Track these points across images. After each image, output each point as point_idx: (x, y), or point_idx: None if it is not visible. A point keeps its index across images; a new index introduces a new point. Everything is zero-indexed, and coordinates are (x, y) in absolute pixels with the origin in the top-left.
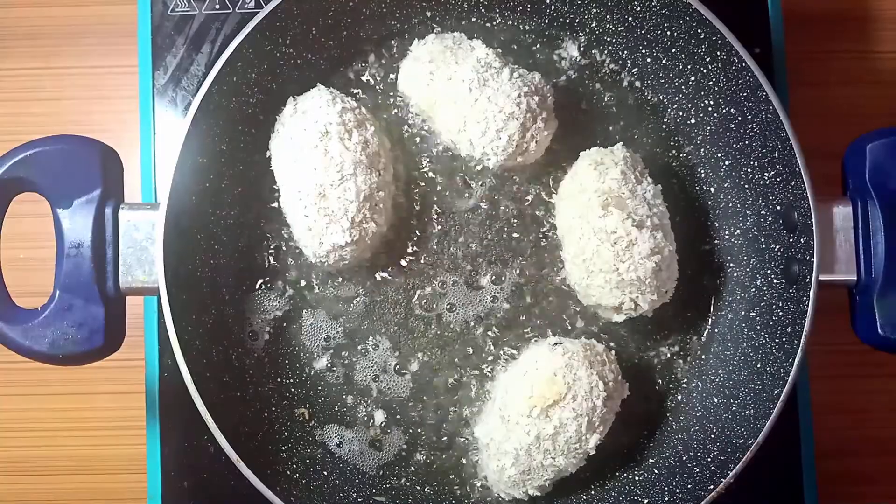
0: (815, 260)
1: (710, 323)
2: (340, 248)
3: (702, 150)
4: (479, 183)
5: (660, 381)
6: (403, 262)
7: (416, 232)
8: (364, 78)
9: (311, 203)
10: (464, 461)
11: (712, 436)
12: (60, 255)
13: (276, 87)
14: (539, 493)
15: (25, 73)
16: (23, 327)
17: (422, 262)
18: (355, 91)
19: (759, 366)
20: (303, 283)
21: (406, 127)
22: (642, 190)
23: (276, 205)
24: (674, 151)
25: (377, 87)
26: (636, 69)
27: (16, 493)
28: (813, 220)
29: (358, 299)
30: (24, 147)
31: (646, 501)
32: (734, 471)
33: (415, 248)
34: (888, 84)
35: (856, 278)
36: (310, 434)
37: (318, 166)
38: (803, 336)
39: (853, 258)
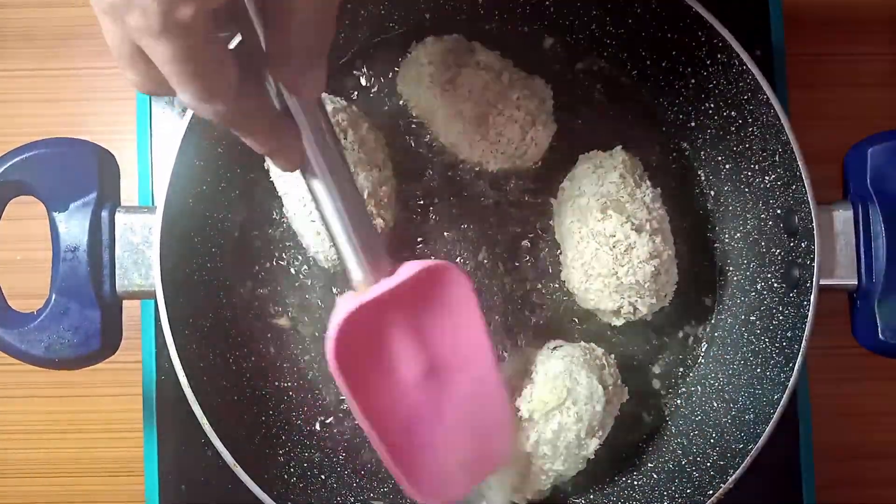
0: (815, 264)
1: (709, 327)
2: None
3: (702, 153)
4: (478, 186)
5: (659, 385)
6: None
7: (414, 236)
8: (363, 80)
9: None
10: None
11: (712, 440)
12: (56, 258)
13: None
14: (538, 498)
15: (21, 75)
16: (19, 331)
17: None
18: (354, 93)
19: (758, 370)
20: (301, 286)
21: (405, 130)
22: (641, 193)
23: (273, 208)
24: (673, 154)
25: (376, 89)
26: (636, 72)
27: (11, 496)
28: (814, 224)
29: None
30: (19, 150)
31: None
32: (734, 476)
33: (412, 256)
34: (890, 87)
35: (856, 283)
36: (307, 438)
37: None
38: (804, 340)
39: (854, 262)
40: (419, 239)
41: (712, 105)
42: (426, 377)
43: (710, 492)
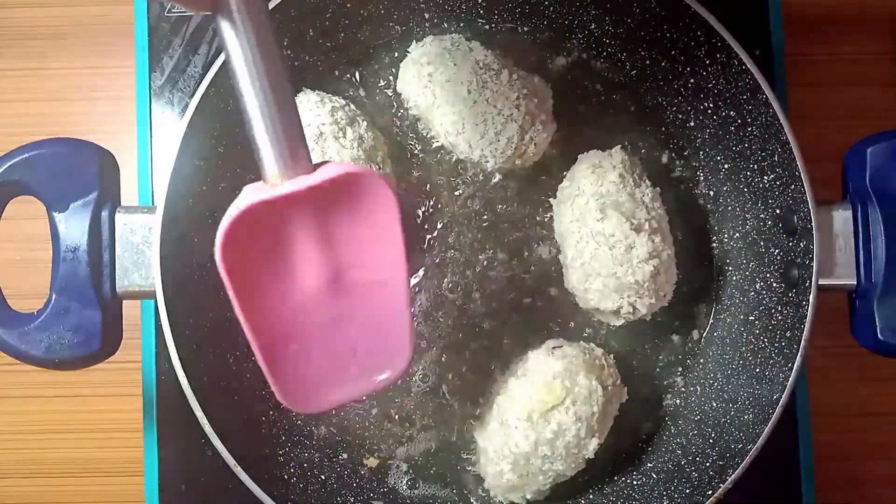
0: (814, 264)
1: (708, 327)
2: None
3: (701, 152)
4: (478, 186)
5: (658, 385)
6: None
7: (414, 237)
8: (362, 80)
9: None
10: (462, 466)
11: (711, 440)
12: (56, 258)
13: None
14: (538, 498)
15: (21, 74)
16: (19, 332)
17: (418, 267)
18: (354, 93)
19: (757, 370)
20: None
21: (405, 129)
22: (641, 193)
23: None
24: (673, 154)
25: (376, 89)
26: (635, 71)
27: (12, 496)
28: (813, 223)
29: None
30: (20, 150)
31: None
32: (733, 476)
33: (413, 255)
34: (889, 86)
35: (855, 283)
36: (307, 438)
37: None
38: (802, 340)
39: (853, 262)
40: (419, 237)
41: (711, 105)
42: (325, 282)
43: (710, 492)
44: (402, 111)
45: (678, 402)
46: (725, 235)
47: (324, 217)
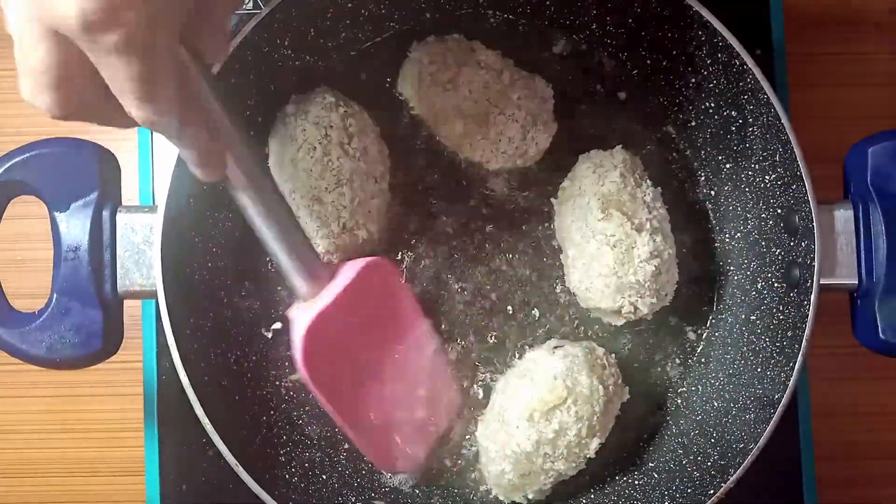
0: (815, 264)
1: (709, 326)
2: (326, 253)
3: (702, 152)
4: (478, 186)
5: (659, 384)
6: (401, 271)
7: (414, 237)
8: (363, 80)
9: (304, 205)
10: (463, 465)
11: (712, 440)
12: (57, 258)
13: (275, 88)
14: (539, 497)
15: None
16: (20, 331)
17: (419, 268)
18: (354, 93)
19: (759, 370)
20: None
21: (404, 129)
22: (642, 193)
23: None
24: (674, 154)
25: (376, 88)
26: (636, 71)
27: (12, 496)
28: (814, 223)
29: None
30: (21, 150)
31: None
32: (734, 476)
33: (411, 255)
34: (890, 86)
35: (857, 282)
36: (308, 437)
37: (315, 169)
38: (804, 340)
39: (854, 262)
40: (411, 245)
41: (712, 105)
42: (375, 356)
43: (711, 491)
44: (402, 111)
45: (680, 401)
46: (727, 235)
47: (356, 305)
